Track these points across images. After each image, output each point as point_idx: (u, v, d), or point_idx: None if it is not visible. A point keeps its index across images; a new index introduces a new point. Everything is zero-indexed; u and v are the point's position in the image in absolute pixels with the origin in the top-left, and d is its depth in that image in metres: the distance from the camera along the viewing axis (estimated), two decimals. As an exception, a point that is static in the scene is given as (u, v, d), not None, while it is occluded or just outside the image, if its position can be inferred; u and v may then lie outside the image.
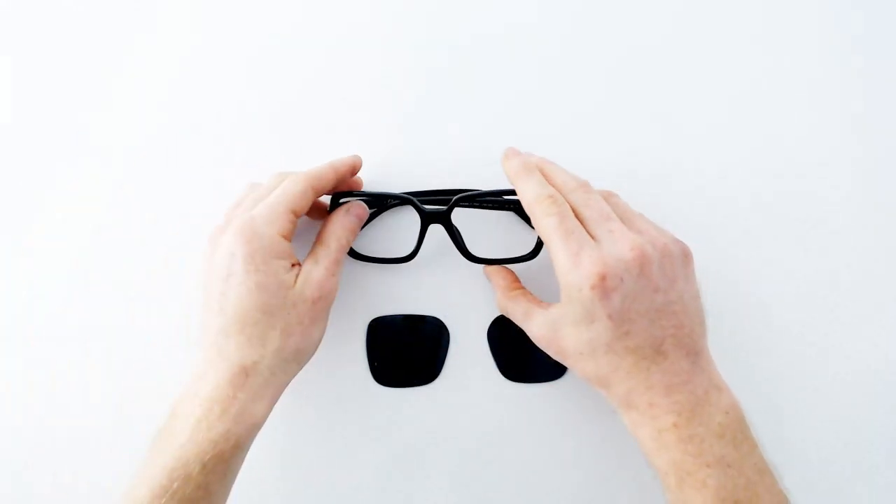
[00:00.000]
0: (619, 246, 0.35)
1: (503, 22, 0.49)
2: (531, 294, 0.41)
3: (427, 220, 0.42)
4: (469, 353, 0.46)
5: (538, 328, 0.38)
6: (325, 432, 0.45)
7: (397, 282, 0.47)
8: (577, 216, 0.36)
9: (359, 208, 0.42)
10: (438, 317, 0.46)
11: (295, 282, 0.37)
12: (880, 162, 0.47)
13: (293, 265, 0.38)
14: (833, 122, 0.48)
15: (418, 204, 0.42)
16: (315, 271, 0.38)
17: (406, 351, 0.46)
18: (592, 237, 0.36)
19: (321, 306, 0.38)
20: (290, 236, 0.38)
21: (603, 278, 0.34)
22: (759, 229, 0.46)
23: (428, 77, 0.49)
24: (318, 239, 0.41)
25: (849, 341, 0.45)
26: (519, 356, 0.45)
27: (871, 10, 0.49)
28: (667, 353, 0.34)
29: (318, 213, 0.45)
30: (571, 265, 0.34)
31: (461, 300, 0.46)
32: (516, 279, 0.43)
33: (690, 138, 0.48)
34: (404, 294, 0.46)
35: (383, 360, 0.46)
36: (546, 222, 0.36)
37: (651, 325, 0.34)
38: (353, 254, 0.45)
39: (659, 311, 0.34)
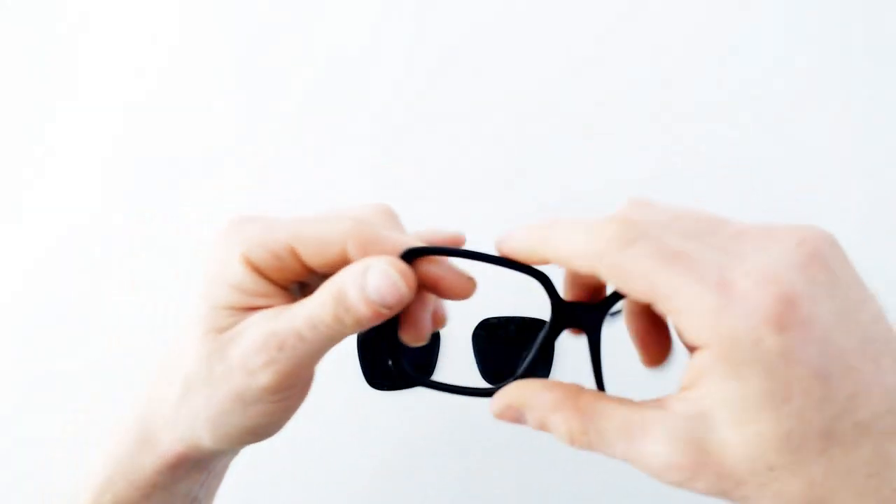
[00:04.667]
0: (776, 245, 0.19)
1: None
2: (611, 395, 0.22)
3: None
4: (467, 355, 0.46)
5: (665, 449, 0.20)
6: (318, 436, 0.45)
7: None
8: None
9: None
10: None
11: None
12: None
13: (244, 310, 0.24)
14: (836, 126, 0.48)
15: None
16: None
17: (399, 353, 0.45)
18: None
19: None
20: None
21: (792, 303, 0.18)
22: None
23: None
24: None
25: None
26: (501, 362, 0.45)
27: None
28: None
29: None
30: (721, 304, 0.18)
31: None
32: (563, 382, 0.23)
33: (694, 140, 0.48)
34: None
35: (375, 363, 0.45)
36: (631, 257, 0.20)
37: (877, 367, 0.19)
38: None
39: (876, 341, 0.19)
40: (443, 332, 0.46)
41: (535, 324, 0.45)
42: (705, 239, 0.20)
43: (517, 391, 0.23)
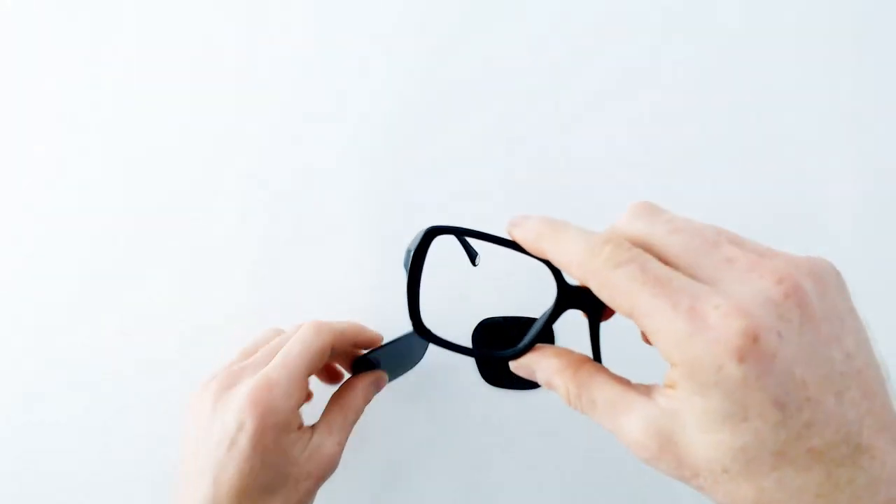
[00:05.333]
0: (758, 280, 0.21)
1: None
2: (610, 371, 0.26)
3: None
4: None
5: (638, 431, 0.23)
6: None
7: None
8: (660, 259, 0.23)
9: (382, 380, 0.40)
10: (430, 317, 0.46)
11: (301, 455, 0.34)
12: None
13: (299, 428, 0.35)
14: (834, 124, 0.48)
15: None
16: (327, 444, 0.35)
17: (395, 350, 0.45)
18: (699, 280, 0.22)
19: (322, 483, 0.35)
20: (303, 404, 0.36)
21: (754, 338, 0.20)
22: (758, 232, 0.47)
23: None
24: (336, 403, 0.37)
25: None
26: (500, 363, 0.45)
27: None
28: (871, 447, 0.21)
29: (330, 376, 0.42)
30: (689, 330, 0.20)
31: (455, 297, 0.46)
32: (572, 350, 0.27)
33: (693, 146, 0.48)
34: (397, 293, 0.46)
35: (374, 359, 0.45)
36: (618, 278, 0.22)
37: (839, 401, 0.20)
38: None
39: (843, 376, 0.21)
40: (442, 332, 0.45)
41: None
42: (695, 261, 0.22)
43: (534, 352, 0.27)
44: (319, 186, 0.47)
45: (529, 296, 0.45)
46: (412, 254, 0.28)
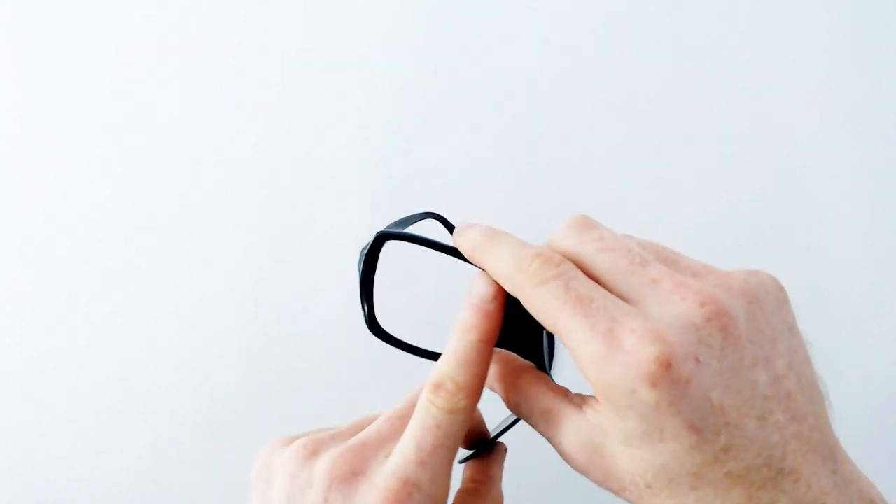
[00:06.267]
0: (681, 302, 0.21)
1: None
2: (549, 378, 0.26)
3: None
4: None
5: (569, 442, 0.24)
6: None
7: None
8: (589, 275, 0.23)
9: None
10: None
11: None
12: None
13: None
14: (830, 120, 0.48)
15: None
16: None
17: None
18: (624, 299, 0.22)
19: None
20: None
21: (667, 365, 0.20)
22: (757, 231, 0.46)
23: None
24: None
25: (849, 342, 0.45)
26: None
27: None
28: (795, 470, 0.21)
29: None
30: (604, 353, 0.21)
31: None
32: (517, 357, 0.28)
33: (693, 147, 0.47)
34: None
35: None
36: (542, 295, 0.22)
37: (761, 424, 0.20)
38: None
39: (768, 399, 0.21)
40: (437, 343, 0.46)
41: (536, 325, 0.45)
42: (621, 280, 0.22)
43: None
44: (321, 187, 0.47)
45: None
46: (364, 257, 0.28)
